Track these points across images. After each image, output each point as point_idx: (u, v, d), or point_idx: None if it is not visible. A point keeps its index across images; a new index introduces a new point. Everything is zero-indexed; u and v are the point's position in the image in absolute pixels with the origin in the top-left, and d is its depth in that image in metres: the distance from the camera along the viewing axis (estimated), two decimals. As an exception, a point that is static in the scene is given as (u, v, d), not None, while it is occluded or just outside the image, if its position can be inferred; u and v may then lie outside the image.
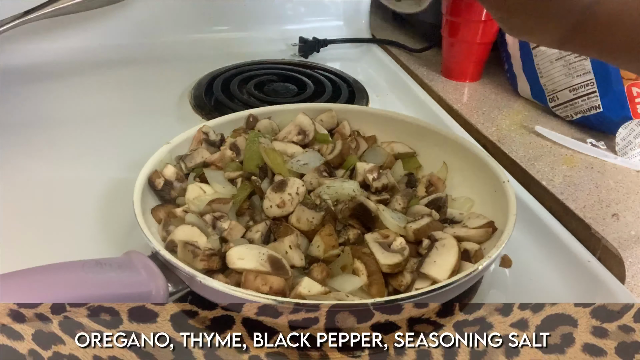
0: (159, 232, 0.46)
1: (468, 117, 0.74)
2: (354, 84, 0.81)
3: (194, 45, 0.91)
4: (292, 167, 0.51)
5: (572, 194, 0.59)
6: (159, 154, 0.51)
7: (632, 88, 0.64)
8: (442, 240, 0.44)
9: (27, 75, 0.79)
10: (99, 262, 0.38)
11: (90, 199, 0.55)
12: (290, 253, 0.42)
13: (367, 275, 0.42)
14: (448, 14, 0.80)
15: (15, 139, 0.65)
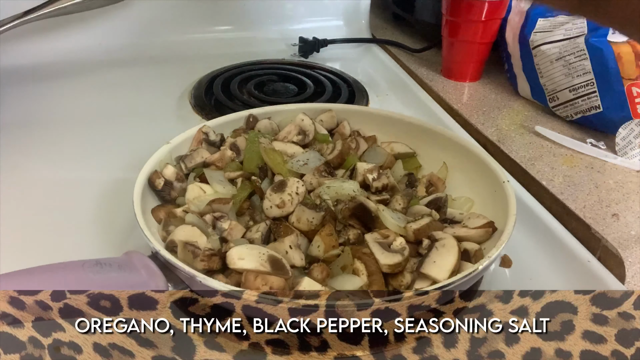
0: (159, 232, 0.46)
1: (468, 117, 0.74)
2: (354, 84, 0.81)
3: (194, 45, 0.91)
4: (292, 167, 0.51)
5: (572, 194, 0.59)
6: (159, 154, 0.51)
7: (632, 88, 0.64)
8: (442, 240, 0.44)
9: (27, 75, 0.79)
10: (99, 262, 0.38)
11: (91, 199, 0.55)
12: (290, 253, 0.43)
13: (367, 275, 0.42)
14: (448, 14, 0.80)
15: (15, 139, 0.65)
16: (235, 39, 0.94)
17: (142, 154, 0.50)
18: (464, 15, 0.78)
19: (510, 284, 0.48)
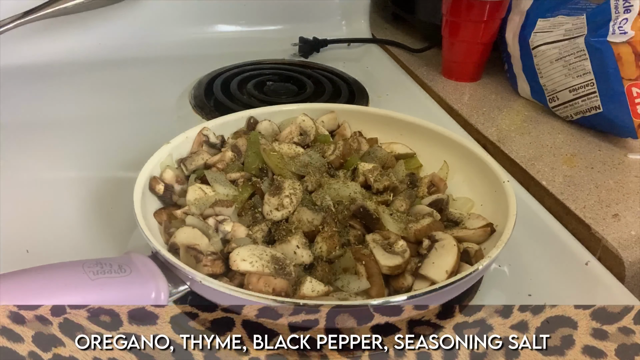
0: (161, 235, 0.46)
1: (468, 117, 0.74)
2: (354, 84, 0.81)
3: (194, 45, 0.91)
4: (293, 168, 0.51)
5: (572, 194, 0.59)
6: (159, 154, 0.51)
7: (632, 88, 0.64)
8: (441, 241, 0.44)
9: (27, 75, 0.79)
10: (99, 262, 0.38)
11: (91, 199, 0.55)
12: (299, 252, 0.42)
13: (366, 277, 0.42)
14: (448, 14, 0.80)
15: (15, 139, 0.65)
16: (235, 38, 0.94)
17: (142, 154, 0.50)
18: (464, 16, 0.78)
19: (510, 284, 0.48)
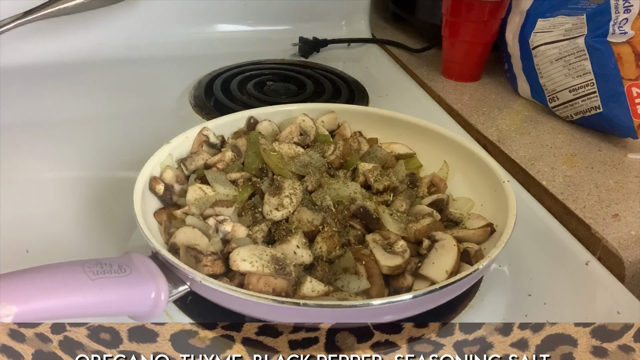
0: (161, 235, 0.46)
1: (468, 117, 0.74)
2: (354, 84, 0.81)
3: (194, 45, 0.91)
4: (293, 168, 0.51)
5: (572, 194, 0.59)
6: (159, 154, 0.51)
7: (632, 88, 0.64)
8: (441, 241, 0.44)
9: (27, 75, 0.79)
10: (99, 262, 0.38)
11: (91, 199, 0.55)
12: (299, 252, 0.42)
13: (366, 277, 0.42)
14: (448, 14, 0.80)
15: (15, 139, 0.65)
16: (235, 38, 0.94)
17: (142, 154, 0.50)
18: (464, 16, 0.78)
19: (510, 285, 0.48)
